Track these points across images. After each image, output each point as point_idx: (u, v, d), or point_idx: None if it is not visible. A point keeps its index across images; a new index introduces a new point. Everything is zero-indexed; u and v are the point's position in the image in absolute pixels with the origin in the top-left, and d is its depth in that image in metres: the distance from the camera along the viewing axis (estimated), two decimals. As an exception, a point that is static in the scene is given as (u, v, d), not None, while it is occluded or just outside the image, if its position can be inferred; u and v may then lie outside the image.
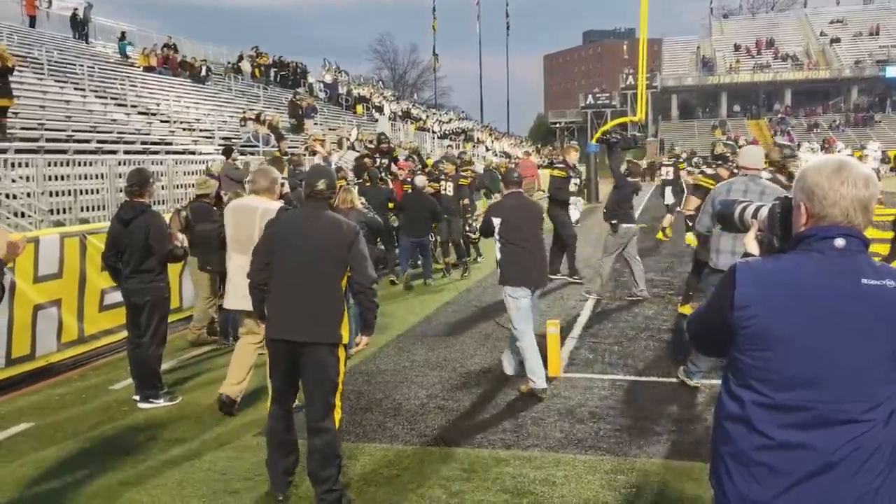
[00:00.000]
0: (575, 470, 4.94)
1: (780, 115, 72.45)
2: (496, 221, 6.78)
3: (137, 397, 6.60)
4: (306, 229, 4.54)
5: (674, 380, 6.74)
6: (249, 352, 6.20)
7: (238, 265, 5.90)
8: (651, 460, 5.07)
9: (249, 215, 5.91)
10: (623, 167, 11.52)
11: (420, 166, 15.34)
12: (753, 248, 2.30)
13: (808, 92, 75.41)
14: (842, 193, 2.04)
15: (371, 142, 18.83)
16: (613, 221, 10.40)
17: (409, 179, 13.63)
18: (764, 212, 2.29)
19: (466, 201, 13.89)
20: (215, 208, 8.71)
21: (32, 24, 29.49)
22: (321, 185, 4.64)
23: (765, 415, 2.05)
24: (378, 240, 11.14)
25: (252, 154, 18.61)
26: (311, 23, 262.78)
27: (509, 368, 7.10)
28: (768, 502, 2.05)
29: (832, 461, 1.99)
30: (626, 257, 10.60)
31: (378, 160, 15.50)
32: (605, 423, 5.76)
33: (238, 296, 6.00)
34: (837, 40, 75.18)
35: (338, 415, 4.51)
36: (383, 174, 14.22)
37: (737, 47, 78.60)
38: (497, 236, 6.77)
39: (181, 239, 6.78)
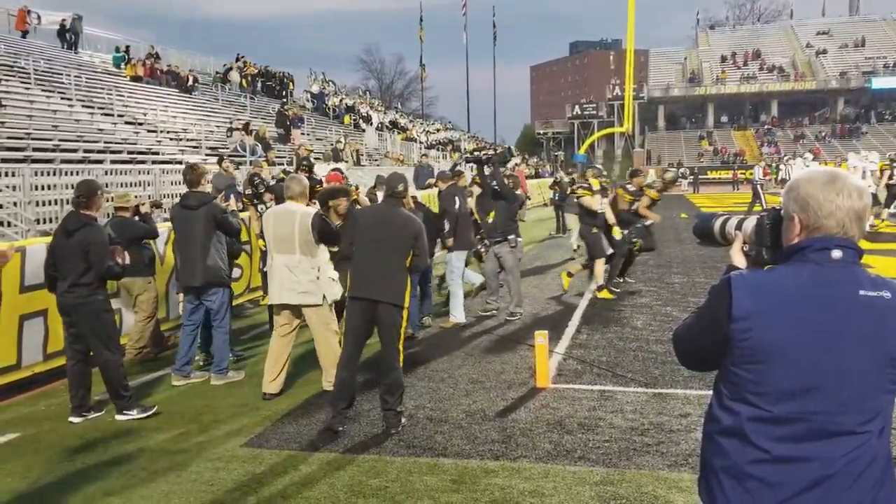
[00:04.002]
0: (564, 481, 4.93)
1: (766, 126, 73.00)
2: None
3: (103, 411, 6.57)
4: (386, 219, 6.06)
5: (662, 390, 6.75)
6: (335, 343, 6.80)
7: (281, 263, 6.78)
8: (640, 471, 5.05)
9: (289, 218, 6.80)
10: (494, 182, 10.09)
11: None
12: (740, 260, 2.27)
13: (795, 103, 76.02)
14: (837, 204, 2.04)
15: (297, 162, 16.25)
16: (510, 237, 9.91)
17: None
18: (748, 224, 2.28)
19: None
20: (142, 223, 8.29)
21: (24, 38, 29.27)
22: (400, 187, 6.21)
23: (762, 428, 2.03)
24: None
25: (240, 164, 18.52)
26: (297, 33, 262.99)
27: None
28: None
29: (828, 474, 1.97)
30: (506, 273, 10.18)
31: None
32: (594, 434, 5.75)
33: (282, 290, 6.79)
34: (824, 52, 75.86)
35: (400, 356, 5.97)
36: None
37: (723, 58, 79.14)
38: None
39: (124, 255, 6.64)
